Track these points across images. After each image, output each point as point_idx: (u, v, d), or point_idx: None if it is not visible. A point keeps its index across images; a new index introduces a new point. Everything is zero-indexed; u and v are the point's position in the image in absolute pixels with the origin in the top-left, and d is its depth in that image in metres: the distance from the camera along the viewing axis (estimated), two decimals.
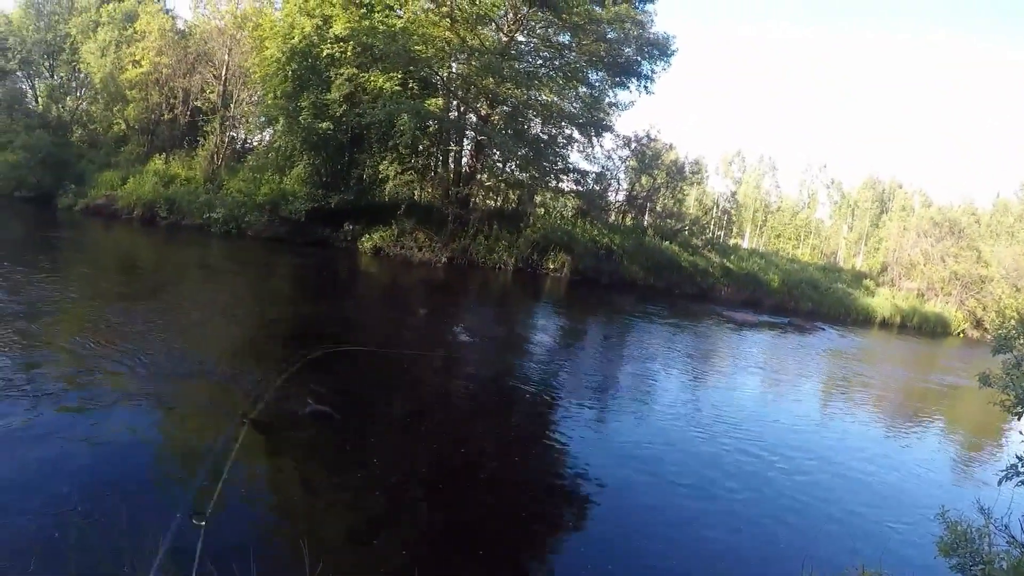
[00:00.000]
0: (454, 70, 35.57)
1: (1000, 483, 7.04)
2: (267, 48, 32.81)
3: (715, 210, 71.90)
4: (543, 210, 41.03)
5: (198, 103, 36.93)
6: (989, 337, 10.06)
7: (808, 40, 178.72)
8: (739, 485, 11.80)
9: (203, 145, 34.65)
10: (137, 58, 36.53)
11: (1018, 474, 6.85)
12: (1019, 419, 8.53)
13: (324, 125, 31.07)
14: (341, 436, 10.42)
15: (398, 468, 9.77)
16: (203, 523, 6.79)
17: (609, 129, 40.69)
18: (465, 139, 37.86)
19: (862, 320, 49.53)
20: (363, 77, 31.34)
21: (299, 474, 9.18)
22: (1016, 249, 63.15)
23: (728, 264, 48.14)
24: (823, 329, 39.98)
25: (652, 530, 9.52)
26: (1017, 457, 6.92)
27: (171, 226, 27.49)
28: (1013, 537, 7.57)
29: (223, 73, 35.69)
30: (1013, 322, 9.49)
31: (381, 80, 30.79)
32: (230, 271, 20.90)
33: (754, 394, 19.89)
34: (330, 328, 16.73)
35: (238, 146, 38.46)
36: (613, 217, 49.12)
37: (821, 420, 18.65)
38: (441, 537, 8.21)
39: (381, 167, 33.60)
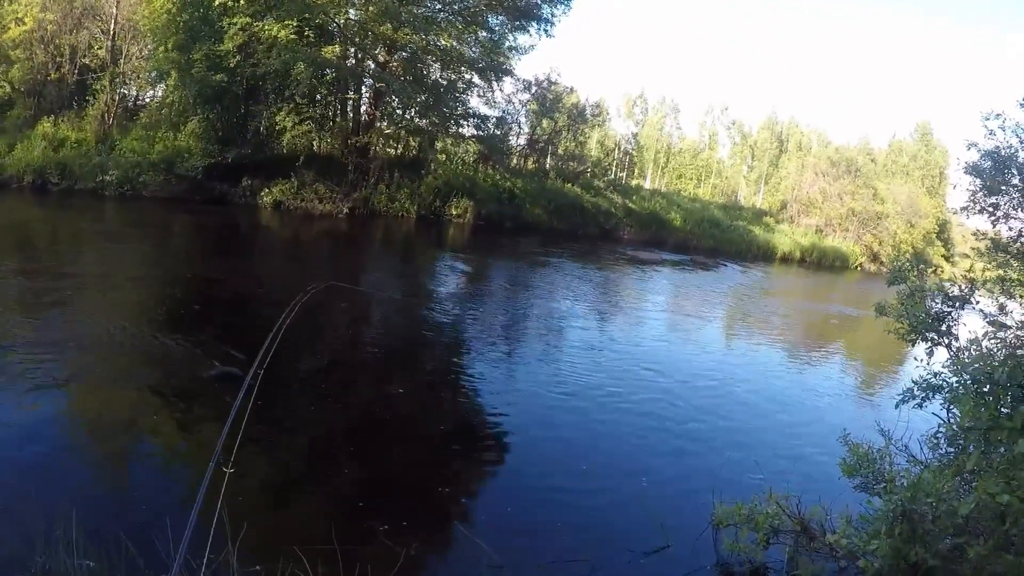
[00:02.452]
0: (351, 16, 34.74)
1: (897, 406, 7.37)
2: None
3: (617, 152, 72.46)
4: (444, 157, 40.99)
5: (86, 60, 35.39)
6: (885, 270, 10.54)
7: None
8: (648, 416, 12.24)
9: (93, 105, 33.14)
10: (20, 15, 35.07)
11: (914, 397, 7.17)
12: (913, 346, 9.19)
13: (218, 77, 30.16)
14: (247, 395, 10.01)
15: (312, 425, 9.62)
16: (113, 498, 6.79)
17: (509, 73, 40.84)
18: (363, 87, 37.31)
19: (763, 256, 50.78)
20: (257, 26, 30.37)
21: (209, 439, 8.44)
22: (911, 187, 65.58)
23: (630, 204, 48.95)
24: (725, 265, 41.05)
25: (566, 464, 9.79)
26: (913, 381, 7.29)
27: (64, 192, 26.32)
28: (913, 456, 8.20)
29: (111, 27, 34.44)
30: (907, 256, 10.17)
31: (276, 28, 29.80)
32: (127, 236, 20.36)
33: (660, 329, 20.53)
34: (233, 287, 16.46)
35: (130, 104, 37.11)
36: (515, 161, 49.33)
37: (727, 351, 19.42)
38: (359, 492, 8.07)
39: (278, 118, 32.94)
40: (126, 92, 36.73)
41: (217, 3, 29.77)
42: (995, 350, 5.42)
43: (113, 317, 12.43)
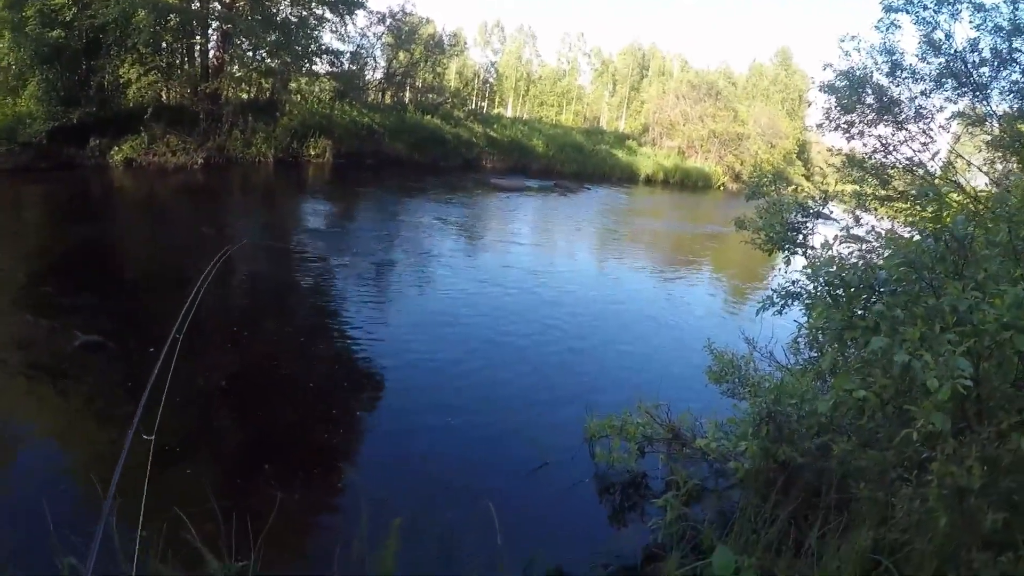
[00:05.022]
0: None
1: (758, 313, 7.53)
2: None
3: (476, 82, 71.91)
4: (299, 96, 39.87)
5: None
6: (747, 190, 10.84)
7: None
8: (521, 342, 12.57)
9: None
10: None
11: (773, 304, 7.41)
12: (770, 255, 9.49)
13: (55, 33, 27.95)
14: (117, 363, 9.68)
15: (185, 388, 8.75)
16: None
17: (361, 6, 39.66)
18: (210, 30, 35.61)
19: (627, 178, 51.88)
20: None
21: (79, 412, 8.56)
22: (771, 109, 67.52)
23: (492, 133, 48.98)
24: (590, 189, 41.68)
25: (442, 398, 9.95)
26: (772, 290, 7.57)
27: None
28: (776, 361, 8.51)
29: None
30: (766, 174, 10.51)
31: None
32: None
33: (528, 255, 20.81)
34: (89, 257, 15.59)
35: None
36: (372, 96, 48.41)
37: (596, 271, 19.88)
38: (237, 450, 8.08)
39: (122, 71, 30.95)
40: None
41: None
42: (848, 256, 5.63)
43: None
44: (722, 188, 58.32)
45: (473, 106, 62.10)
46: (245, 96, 37.80)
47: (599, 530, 7.41)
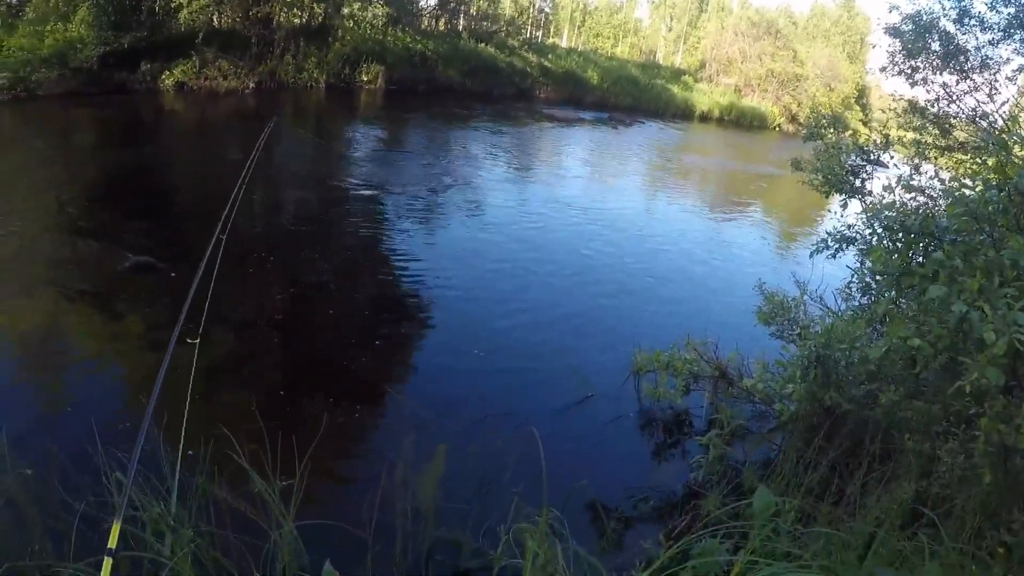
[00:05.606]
0: None
1: (811, 256, 7.50)
2: None
3: (532, 11, 70.68)
4: (351, 22, 39.51)
5: None
6: (804, 131, 10.60)
7: None
8: (570, 274, 12.63)
9: None
10: None
11: (827, 247, 7.27)
12: (828, 198, 9.29)
13: None
14: (168, 285, 9.67)
15: (237, 313, 9.39)
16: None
17: None
18: None
19: (682, 114, 51.05)
20: None
21: (129, 332, 8.65)
22: (830, 51, 65.46)
23: (546, 63, 48.29)
24: (644, 123, 41.19)
25: (490, 328, 10.01)
26: (827, 233, 7.40)
27: None
28: (827, 306, 8.37)
29: None
30: (825, 116, 10.25)
31: None
32: (25, 141, 19.06)
33: (580, 186, 20.77)
34: (141, 179, 15.73)
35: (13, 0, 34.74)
36: (426, 23, 47.75)
37: (646, 209, 19.68)
38: (284, 374, 8.11)
39: None
40: None
41: None
42: (908, 202, 5.45)
43: (21, 226, 11.78)
44: (777, 129, 57.06)
45: (528, 35, 61.27)
46: (297, 21, 37.50)
47: (641, 464, 7.45)
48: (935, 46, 10.89)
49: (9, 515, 4.16)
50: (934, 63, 10.97)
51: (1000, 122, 10.77)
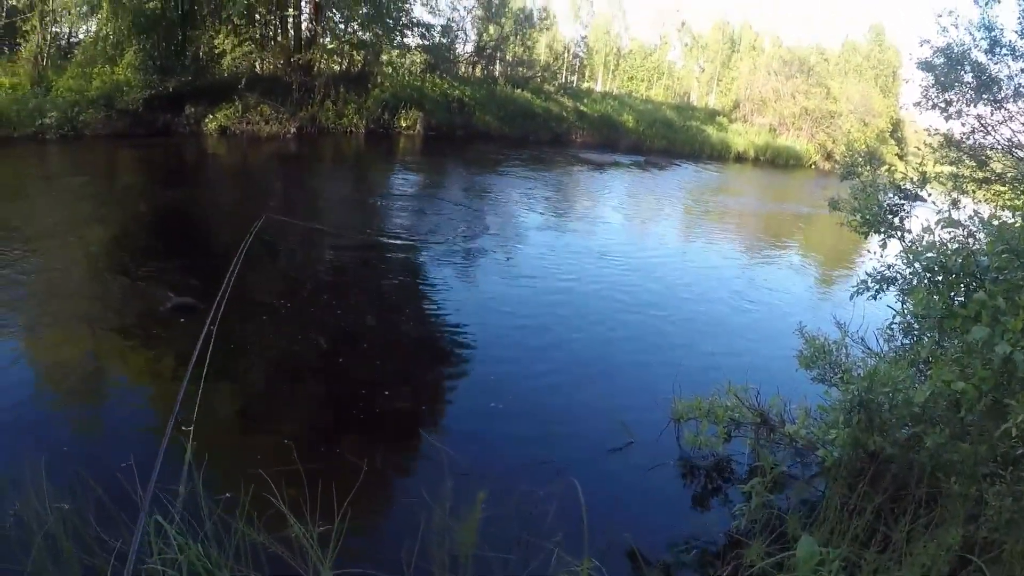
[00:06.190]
0: None
1: (852, 298, 7.38)
2: None
3: (566, 56, 71.24)
4: (390, 69, 40.05)
5: (13, 1, 33.79)
6: (839, 168, 10.55)
7: None
8: (607, 317, 12.50)
9: (25, 47, 31.76)
10: None
11: (868, 289, 7.20)
12: (867, 239, 9.26)
13: (152, 4, 29.00)
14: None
15: (273, 349, 9.61)
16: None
17: None
18: (303, 3, 36.17)
19: (717, 155, 50.87)
20: None
21: (170, 370, 8.63)
22: (864, 86, 65.21)
23: (582, 108, 48.64)
24: (680, 165, 41.14)
25: (529, 371, 9.97)
26: (867, 274, 7.34)
27: (2, 141, 25.20)
28: (868, 348, 8.29)
29: None
30: (860, 153, 10.21)
31: None
32: (73, 179, 19.44)
33: (617, 232, 20.70)
34: (184, 221, 16.08)
35: (63, 42, 35.22)
36: (463, 70, 48.32)
37: (684, 252, 19.60)
38: (323, 413, 8.29)
39: (217, 42, 31.62)
40: (58, 30, 34.93)
41: None
42: (948, 242, 5.42)
43: (67, 263, 12.10)
44: (813, 166, 56.88)
45: (563, 80, 61.73)
46: (337, 68, 38.13)
47: (682, 512, 7.32)
48: (968, 77, 10.89)
49: (46, 550, 4.18)
50: (967, 95, 10.96)
51: None
